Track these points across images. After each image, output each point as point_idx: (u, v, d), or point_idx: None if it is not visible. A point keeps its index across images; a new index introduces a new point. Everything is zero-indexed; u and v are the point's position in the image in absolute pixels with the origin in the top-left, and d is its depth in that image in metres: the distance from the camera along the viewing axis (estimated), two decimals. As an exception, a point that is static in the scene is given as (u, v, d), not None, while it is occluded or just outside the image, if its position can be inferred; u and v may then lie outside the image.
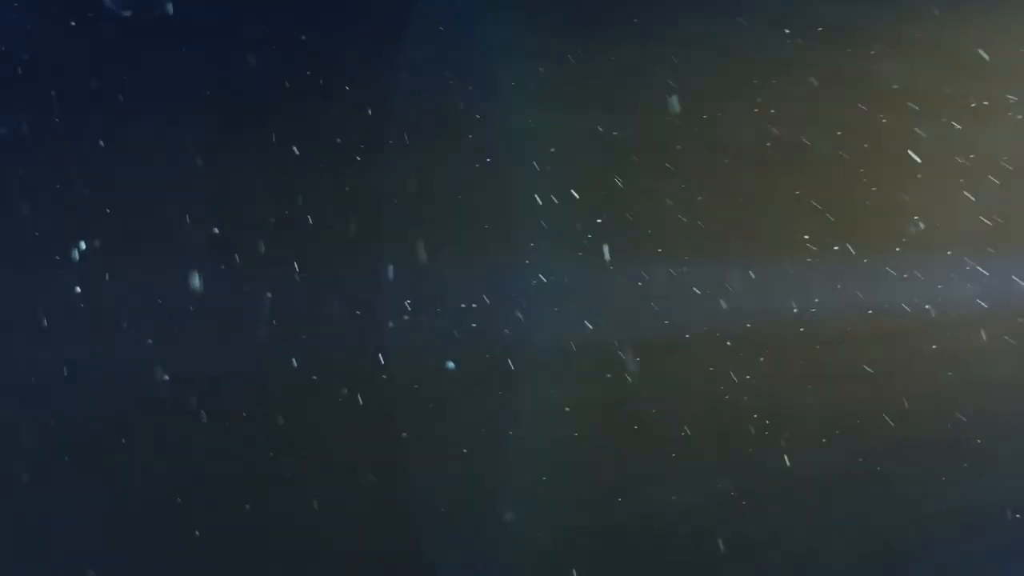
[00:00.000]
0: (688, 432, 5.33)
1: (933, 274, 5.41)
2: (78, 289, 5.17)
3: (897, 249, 5.41)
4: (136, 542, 5.13)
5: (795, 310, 5.38)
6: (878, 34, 5.36)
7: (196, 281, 5.18)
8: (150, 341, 5.17)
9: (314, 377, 5.24)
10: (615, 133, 5.37)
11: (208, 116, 5.35)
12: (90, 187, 5.23)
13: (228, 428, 5.20)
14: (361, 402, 5.29)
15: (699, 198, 5.41)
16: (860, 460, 5.42)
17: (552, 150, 5.41)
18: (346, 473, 5.29)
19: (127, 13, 5.09)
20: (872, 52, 5.35)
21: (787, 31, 5.34)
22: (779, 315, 5.35)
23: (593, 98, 5.41)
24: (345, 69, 5.38)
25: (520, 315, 5.38)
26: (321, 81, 5.36)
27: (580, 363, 5.38)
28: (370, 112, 5.39)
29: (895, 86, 5.37)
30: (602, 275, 5.39)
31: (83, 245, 5.17)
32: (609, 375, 5.35)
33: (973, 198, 5.41)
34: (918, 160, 5.37)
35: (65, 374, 5.09)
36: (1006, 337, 5.38)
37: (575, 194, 5.41)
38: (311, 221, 5.35)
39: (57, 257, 5.17)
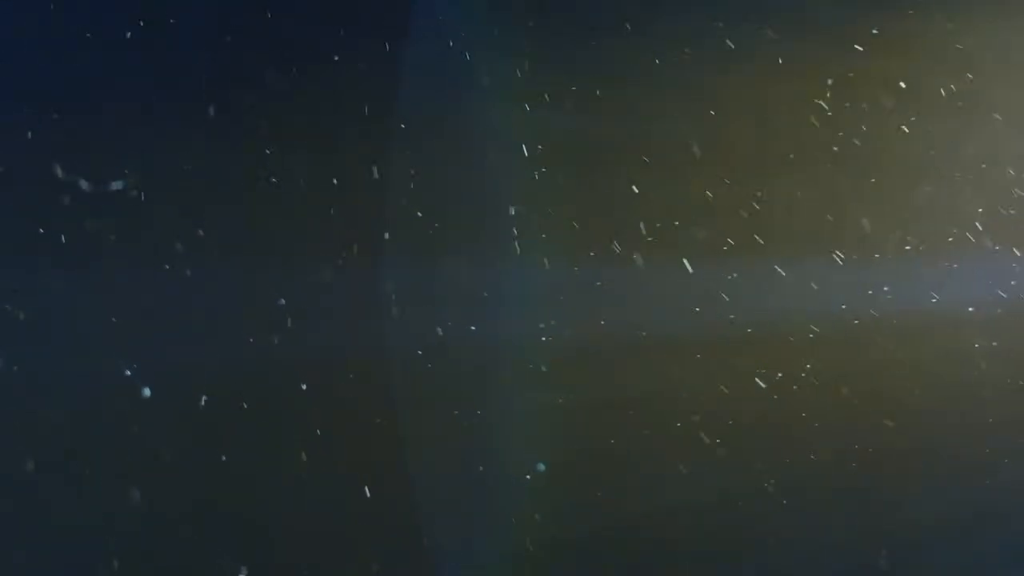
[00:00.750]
0: (704, 437, 5.33)
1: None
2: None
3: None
4: (135, 541, 5.06)
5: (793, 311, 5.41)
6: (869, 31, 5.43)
7: (188, 281, 5.14)
8: (139, 338, 5.11)
9: (315, 377, 5.19)
10: (619, 133, 5.38)
11: (206, 116, 5.32)
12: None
13: (227, 428, 5.14)
14: (363, 403, 5.26)
15: (700, 198, 5.43)
16: (863, 462, 5.43)
17: (556, 150, 5.43)
18: (346, 475, 5.24)
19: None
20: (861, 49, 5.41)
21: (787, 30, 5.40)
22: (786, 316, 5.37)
23: (595, 98, 5.43)
24: (346, 68, 5.38)
25: (522, 315, 5.37)
26: (323, 80, 5.35)
27: (582, 364, 5.38)
28: (371, 111, 5.39)
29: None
30: (603, 275, 5.39)
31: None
32: (611, 375, 5.35)
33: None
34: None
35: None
36: (1005, 339, 5.43)
37: (578, 195, 5.42)
38: (312, 221, 5.32)
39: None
